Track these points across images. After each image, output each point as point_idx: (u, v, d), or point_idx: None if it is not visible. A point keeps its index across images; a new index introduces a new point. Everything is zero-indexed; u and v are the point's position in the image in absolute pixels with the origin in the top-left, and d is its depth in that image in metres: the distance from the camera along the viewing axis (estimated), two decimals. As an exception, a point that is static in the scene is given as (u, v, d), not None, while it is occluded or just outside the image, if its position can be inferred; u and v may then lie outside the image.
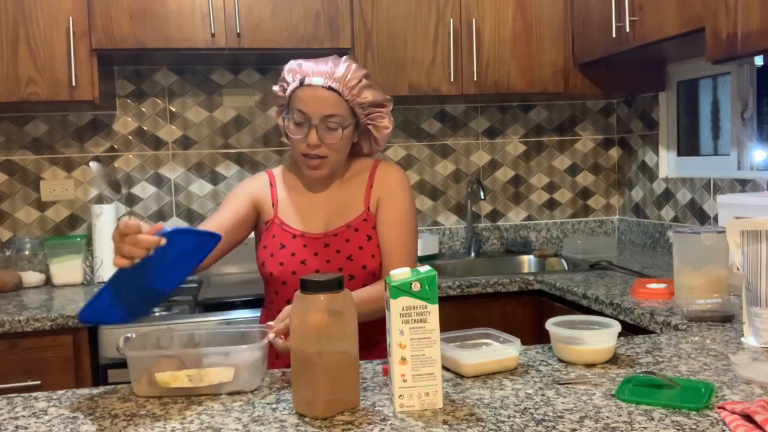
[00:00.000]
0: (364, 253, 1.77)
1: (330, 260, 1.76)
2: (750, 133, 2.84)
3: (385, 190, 1.81)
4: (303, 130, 1.71)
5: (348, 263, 1.75)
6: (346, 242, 1.77)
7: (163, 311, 2.53)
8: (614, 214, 3.62)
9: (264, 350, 1.39)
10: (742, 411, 1.14)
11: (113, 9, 2.66)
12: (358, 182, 1.83)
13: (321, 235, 1.78)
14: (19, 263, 2.86)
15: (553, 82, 3.04)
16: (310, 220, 1.80)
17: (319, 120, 1.69)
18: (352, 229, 1.78)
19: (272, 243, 1.78)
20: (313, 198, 1.82)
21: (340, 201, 1.81)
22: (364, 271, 1.76)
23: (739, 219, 1.68)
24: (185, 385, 1.31)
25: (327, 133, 1.70)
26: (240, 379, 1.34)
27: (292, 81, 1.72)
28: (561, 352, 1.50)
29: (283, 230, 1.78)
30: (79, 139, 3.08)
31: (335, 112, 1.69)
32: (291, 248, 1.76)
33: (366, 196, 1.81)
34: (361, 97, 1.73)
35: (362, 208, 1.81)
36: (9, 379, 2.27)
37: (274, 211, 1.80)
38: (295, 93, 1.71)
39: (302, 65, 1.73)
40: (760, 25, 1.98)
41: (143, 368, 1.34)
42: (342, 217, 1.80)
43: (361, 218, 1.80)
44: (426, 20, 2.93)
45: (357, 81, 1.72)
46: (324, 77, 1.69)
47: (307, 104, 1.69)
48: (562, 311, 2.46)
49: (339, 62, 1.73)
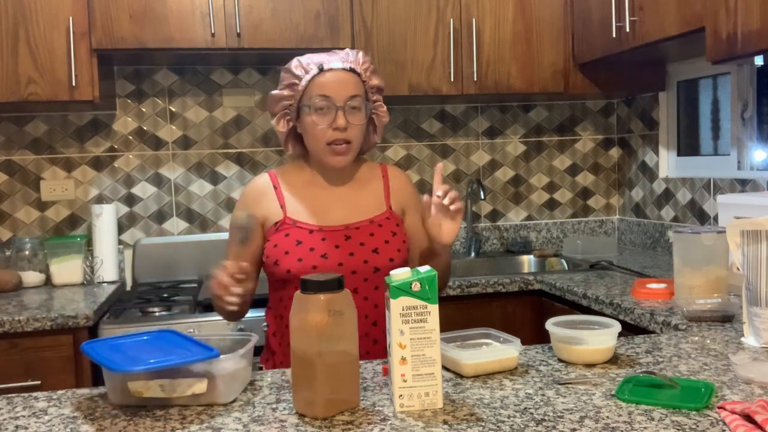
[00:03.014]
0: (391, 246, 1.77)
1: (354, 252, 1.74)
2: (750, 133, 2.84)
3: (407, 197, 1.88)
4: (328, 117, 1.71)
5: (374, 256, 1.74)
6: (371, 236, 1.76)
7: (163, 311, 2.53)
8: (614, 214, 3.62)
9: (245, 360, 1.36)
10: (742, 411, 1.14)
11: (113, 9, 2.66)
12: (374, 185, 1.85)
13: (341, 227, 1.76)
14: (19, 263, 2.86)
15: (553, 82, 3.04)
16: (326, 215, 1.78)
17: (343, 101, 1.71)
18: (375, 224, 1.79)
19: (285, 241, 1.74)
20: (326, 195, 1.81)
21: (357, 199, 1.82)
22: (391, 264, 1.75)
23: (739, 219, 1.68)
24: (158, 395, 1.28)
25: (352, 115, 1.72)
26: (215, 391, 1.29)
27: (305, 73, 1.74)
28: (561, 352, 1.50)
29: (298, 227, 1.76)
30: (79, 139, 3.08)
31: (357, 92, 1.73)
32: (309, 243, 1.73)
33: (386, 197, 1.84)
34: (372, 81, 1.78)
35: (384, 207, 1.82)
36: (9, 379, 2.27)
37: (283, 213, 1.78)
38: (314, 80, 1.72)
39: (312, 57, 1.76)
40: (760, 25, 1.98)
41: (117, 376, 1.30)
42: (362, 213, 1.80)
43: (384, 216, 1.81)
44: (426, 20, 2.93)
45: (368, 65, 1.78)
46: (341, 61, 1.74)
47: (330, 87, 1.71)
48: (562, 311, 2.46)
49: (347, 50, 1.78)
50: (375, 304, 1.75)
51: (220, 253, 3.04)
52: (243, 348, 1.36)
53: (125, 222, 3.13)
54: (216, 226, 3.21)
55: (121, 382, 1.29)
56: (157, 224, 3.16)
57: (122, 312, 2.53)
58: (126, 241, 3.13)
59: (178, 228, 3.18)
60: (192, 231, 3.19)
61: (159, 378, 1.28)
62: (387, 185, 1.86)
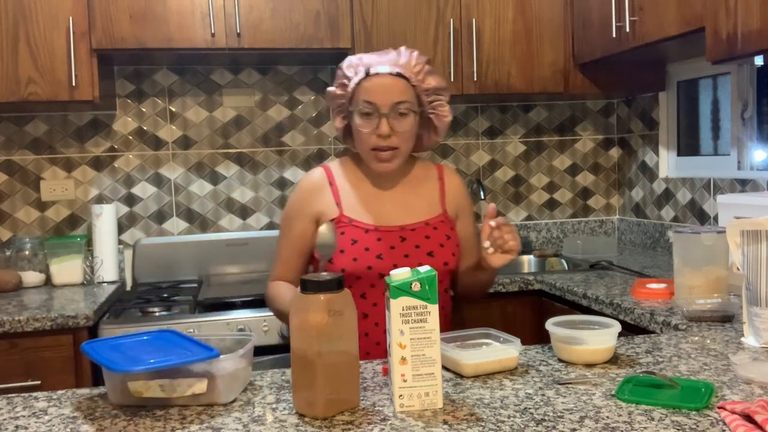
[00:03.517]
0: (445, 250, 1.76)
1: (408, 255, 1.72)
2: (750, 133, 2.84)
3: (463, 201, 1.88)
4: (372, 122, 1.69)
5: (429, 259, 1.72)
6: (426, 239, 1.75)
7: (164, 311, 2.53)
8: (614, 214, 3.62)
9: (245, 360, 1.36)
10: (742, 411, 1.14)
11: (113, 9, 2.66)
12: (430, 186, 1.84)
13: (397, 228, 1.75)
14: (19, 263, 2.86)
15: (553, 82, 3.04)
16: (383, 215, 1.76)
17: (388, 108, 1.68)
18: (430, 227, 1.77)
19: (341, 239, 1.71)
20: (382, 194, 1.80)
21: (412, 200, 1.80)
22: (444, 268, 1.75)
23: (739, 219, 1.68)
24: (157, 395, 1.28)
25: (397, 121, 1.69)
26: (215, 391, 1.29)
27: (355, 74, 1.71)
28: (561, 352, 1.50)
29: (354, 226, 1.74)
30: (79, 139, 3.08)
31: (404, 98, 1.69)
32: (364, 243, 1.72)
33: (441, 199, 1.82)
34: (426, 83, 1.73)
35: (440, 209, 1.81)
36: (9, 379, 2.27)
37: (339, 210, 1.76)
38: (361, 85, 1.70)
39: (363, 58, 1.74)
40: (760, 25, 1.98)
41: (117, 376, 1.30)
42: (418, 215, 1.78)
43: (439, 219, 1.80)
44: (426, 20, 2.93)
45: (421, 67, 1.73)
46: (390, 65, 1.70)
47: (374, 93, 1.68)
48: (562, 311, 2.46)
49: (401, 50, 1.74)
50: None
51: (220, 253, 3.07)
52: (243, 348, 1.35)
53: (125, 222, 3.13)
54: (216, 226, 3.21)
55: (121, 382, 1.29)
56: (157, 224, 3.16)
57: (122, 312, 2.53)
58: (126, 241, 3.13)
59: (178, 228, 3.18)
60: (192, 231, 3.19)
61: (159, 378, 1.28)
62: (443, 188, 1.84)
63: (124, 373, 1.27)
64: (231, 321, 2.43)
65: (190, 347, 1.36)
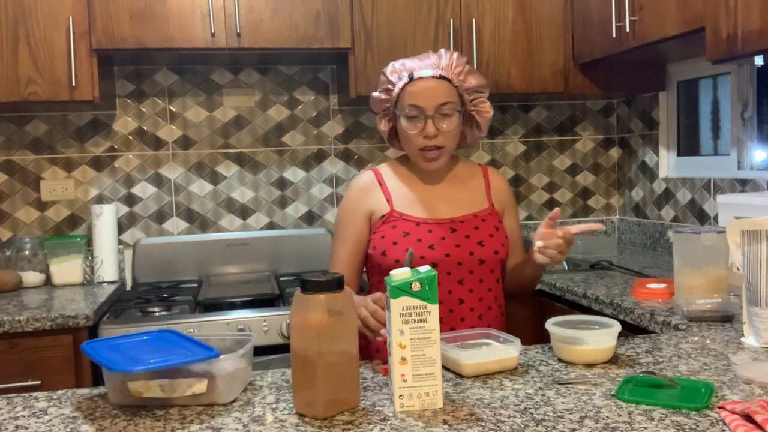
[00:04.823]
0: (495, 240, 1.82)
1: (459, 244, 1.78)
2: (750, 133, 2.84)
3: (507, 199, 1.94)
4: (418, 124, 1.76)
5: (479, 248, 1.79)
6: (476, 229, 1.81)
7: (164, 311, 2.53)
8: (614, 214, 3.62)
9: (245, 360, 1.36)
10: (742, 411, 1.14)
11: (113, 9, 2.66)
12: (475, 183, 1.91)
13: (447, 220, 1.81)
14: (19, 263, 2.86)
15: (553, 82, 3.04)
16: (432, 208, 1.83)
17: (433, 110, 1.75)
18: (479, 219, 1.84)
19: (393, 232, 1.79)
20: (430, 190, 1.87)
21: (460, 194, 1.87)
22: (495, 257, 1.81)
23: (739, 219, 1.68)
24: (158, 395, 1.28)
25: (442, 122, 1.76)
26: (215, 391, 1.29)
27: (399, 80, 1.78)
28: (561, 352, 1.50)
29: (405, 220, 1.80)
30: (79, 139, 3.08)
31: (448, 100, 1.76)
32: (416, 235, 1.78)
33: (487, 195, 1.89)
34: (467, 82, 1.80)
35: (487, 204, 1.88)
36: (9, 379, 2.27)
37: (390, 206, 1.83)
38: (405, 89, 1.77)
39: (405, 63, 1.80)
40: (760, 25, 1.98)
41: (117, 376, 1.30)
42: (466, 208, 1.85)
43: (487, 212, 1.86)
44: (426, 20, 2.93)
45: (462, 67, 1.80)
46: (432, 68, 1.77)
47: (419, 97, 1.75)
48: (562, 311, 2.46)
49: (441, 53, 1.81)
50: (479, 297, 1.79)
51: (220, 253, 3.07)
52: (243, 348, 1.36)
53: (125, 222, 3.13)
54: (216, 226, 3.21)
55: (121, 382, 1.29)
56: (157, 224, 3.16)
57: (122, 312, 2.53)
58: (126, 241, 3.13)
59: (178, 228, 3.18)
60: (192, 231, 3.19)
61: (159, 378, 1.28)
62: (488, 184, 1.92)
63: (124, 373, 1.28)
64: (231, 321, 2.43)
65: (190, 347, 1.37)
